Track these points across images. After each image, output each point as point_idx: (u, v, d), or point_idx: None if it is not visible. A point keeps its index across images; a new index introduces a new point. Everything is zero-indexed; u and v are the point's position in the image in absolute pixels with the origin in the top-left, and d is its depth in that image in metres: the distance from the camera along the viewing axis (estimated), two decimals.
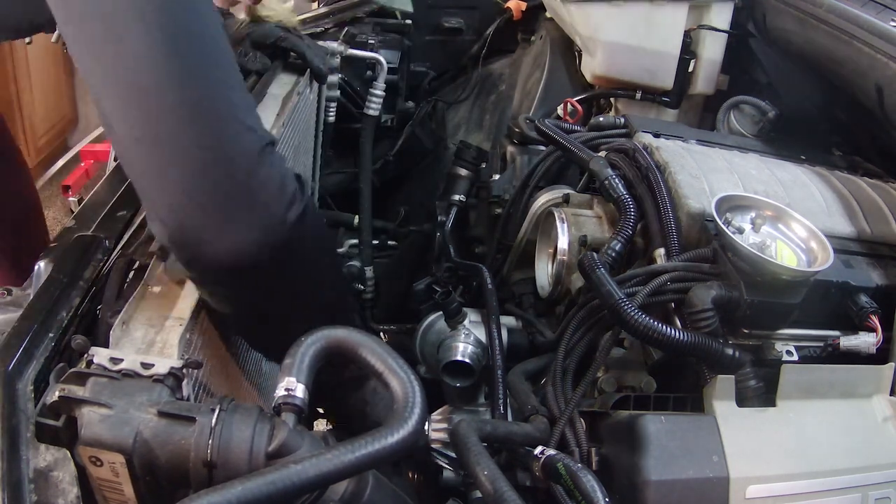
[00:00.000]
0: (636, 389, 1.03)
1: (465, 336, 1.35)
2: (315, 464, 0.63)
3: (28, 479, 0.65)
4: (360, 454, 0.65)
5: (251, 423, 0.69)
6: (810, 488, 0.86)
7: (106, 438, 0.66)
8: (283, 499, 0.62)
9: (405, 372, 0.73)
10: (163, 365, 0.71)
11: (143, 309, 0.82)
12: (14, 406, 0.69)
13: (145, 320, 0.81)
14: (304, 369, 0.71)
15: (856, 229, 1.16)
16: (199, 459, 0.67)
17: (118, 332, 0.78)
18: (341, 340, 0.75)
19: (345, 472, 0.65)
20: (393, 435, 0.67)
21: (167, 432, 0.67)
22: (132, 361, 0.70)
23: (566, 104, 1.75)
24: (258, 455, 0.68)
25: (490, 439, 0.96)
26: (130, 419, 0.67)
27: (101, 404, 0.67)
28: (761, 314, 0.96)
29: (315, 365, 0.72)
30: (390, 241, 2.09)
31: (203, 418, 0.68)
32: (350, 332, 0.76)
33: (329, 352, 0.74)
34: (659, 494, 0.82)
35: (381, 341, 0.76)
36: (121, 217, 0.97)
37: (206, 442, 0.67)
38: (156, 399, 0.69)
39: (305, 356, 0.72)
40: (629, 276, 1.03)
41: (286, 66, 1.46)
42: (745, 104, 1.65)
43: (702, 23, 1.75)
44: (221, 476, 0.67)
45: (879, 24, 1.34)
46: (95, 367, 0.70)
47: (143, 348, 0.78)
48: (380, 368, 0.73)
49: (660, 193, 1.10)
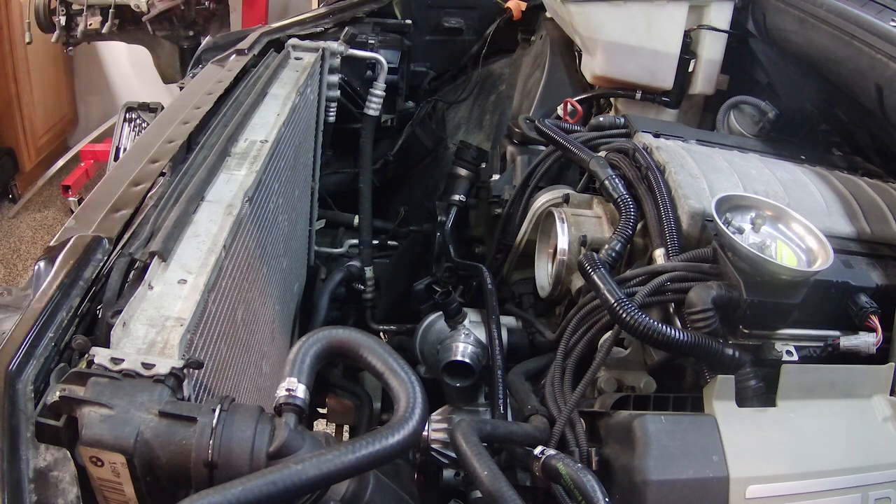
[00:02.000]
0: (636, 389, 1.03)
1: (465, 336, 1.35)
2: (316, 464, 0.63)
3: (28, 479, 0.65)
4: (361, 454, 0.65)
5: (252, 423, 0.69)
6: (810, 488, 0.86)
7: (107, 439, 0.66)
8: (284, 498, 0.62)
9: (406, 373, 0.73)
10: (164, 365, 0.71)
11: (144, 309, 0.82)
12: (14, 406, 0.69)
13: (146, 320, 0.81)
14: (304, 370, 0.71)
15: (856, 229, 1.16)
16: (201, 459, 0.67)
17: (119, 332, 0.78)
18: (343, 341, 0.75)
19: (346, 473, 0.65)
20: (394, 435, 0.67)
21: (168, 432, 0.67)
22: (133, 361, 0.70)
23: (566, 104, 1.75)
24: (259, 455, 0.68)
25: (490, 439, 0.96)
26: (131, 419, 0.67)
27: (102, 404, 0.67)
28: (761, 314, 0.96)
29: (316, 365, 0.72)
30: (390, 241, 2.09)
31: (204, 419, 0.68)
32: (351, 332, 0.76)
33: (330, 352, 0.74)
34: (659, 494, 0.82)
35: (382, 342, 0.76)
36: (121, 217, 0.96)
37: (207, 442, 0.67)
38: (157, 399, 0.68)
39: (306, 357, 0.72)
40: (629, 276, 1.03)
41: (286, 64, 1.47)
42: (745, 104, 1.65)
43: (702, 23, 1.75)
44: (222, 476, 0.67)
45: (879, 24, 1.34)
46: (96, 367, 0.70)
47: (144, 348, 0.77)
48: (381, 369, 0.73)
49: (660, 193, 1.10)
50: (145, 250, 0.87)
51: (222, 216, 0.96)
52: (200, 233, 0.93)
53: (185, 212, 0.94)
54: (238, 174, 1.06)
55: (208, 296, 0.87)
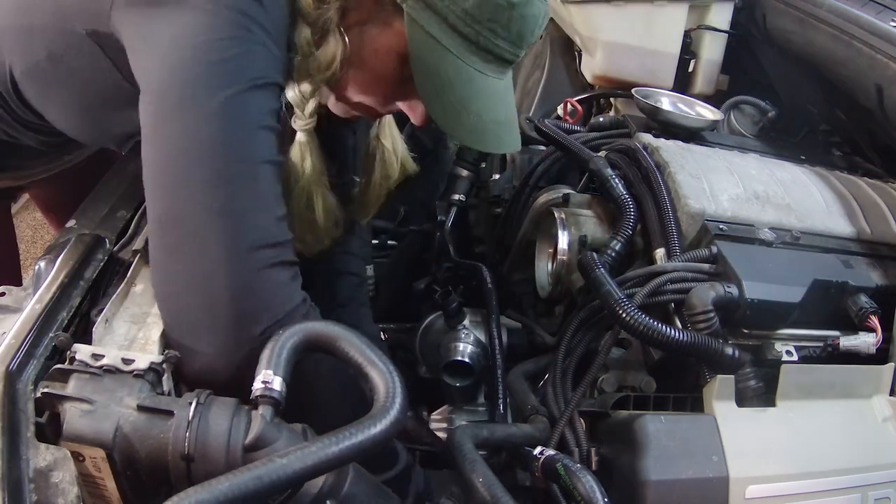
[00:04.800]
0: (636, 389, 1.03)
1: (465, 336, 1.35)
2: (300, 457, 0.63)
3: (28, 478, 0.65)
4: (344, 445, 0.65)
5: (228, 415, 0.69)
6: (810, 488, 0.86)
7: (87, 433, 0.66)
8: (270, 493, 0.62)
9: (384, 363, 0.73)
10: (143, 360, 0.71)
11: (127, 306, 0.83)
12: (14, 406, 0.69)
13: (128, 317, 0.81)
14: (281, 362, 0.71)
15: (856, 229, 1.16)
16: (178, 453, 0.67)
17: (101, 329, 0.79)
18: (320, 333, 0.75)
19: (330, 464, 0.65)
20: (376, 425, 0.67)
21: (146, 426, 0.68)
22: (113, 357, 0.71)
23: (566, 104, 1.74)
24: (235, 448, 0.68)
25: (487, 444, 0.95)
26: (111, 414, 0.67)
27: (83, 400, 0.67)
28: (761, 314, 0.97)
29: (293, 358, 0.72)
30: (390, 241, 2.09)
31: (181, 412, 0.68)
32: (328, 325, 0.76)
33: (307, 345, 0.74)
34: (658, 494, 0.82)
35: (358, 334, 0.75)
36: (121, 217, 0.97)
37: (183, 435, 0.67)
38: (136, 394, 0.69)
39: (283, 349, 0.72)
40: (629, 277, 1.03)
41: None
42: (745, 104, 1.65)
43: (702, 23, 1.75)
44: (199, 469, 0.67)
45: (879, 24, 1.34)
46: (77, 363, 0.70)
47: (126, 344, 0.78)
48: (359, 360, 0.73)
49: (660, 193, 1.10)
50: (129, 249, 0.88)
51: None
52: None
53: None
54: None
55: None
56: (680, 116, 1.36)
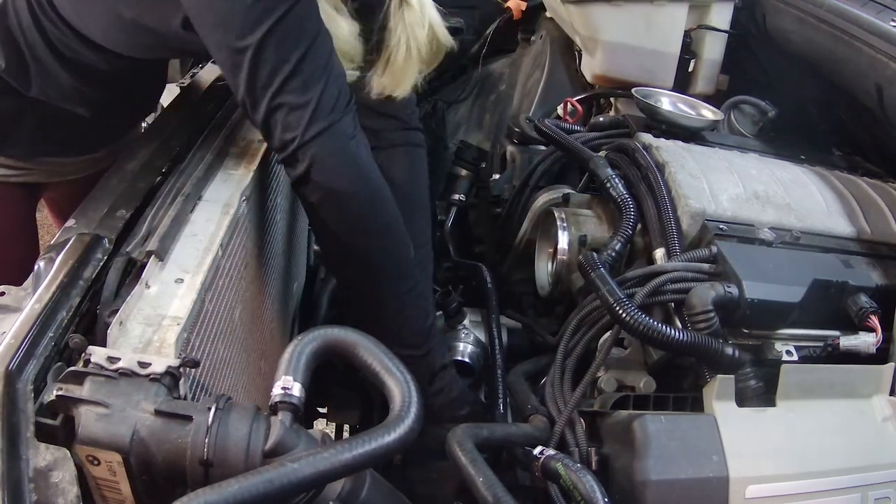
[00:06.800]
0: (636, 389, 1.02)
1: (465, 336, 1.35)
2: (312, 462, 0.63)
3: (28, 478, 0.65)
4: (357, 453, 0.65)
5: (248, 421, 0.69)
6: (810, 488, 0.86)
7: (103, 437, 0.66)
8: (281, 497, 0.62)
9: (401, 371, 0.73)
10: (160, 364, 0.71)
11: (141, 308, 0.82)
12: (14, 406, 0.69)
13: (143, 319, 0.81)
14: (300, 368, 0.71)
15: (856, 229, 1.16)
16: (196, 458, 0.67)
17: (115, 331, 0.78)
18: (338, 340, 0.75)
19: (342, 471, 0.65)
20: (390, 433, 0.67)
21: (164, 431, 0.67)
22: (129, 360, 0.70)
23: (566, 104, 1.74)
24: (255, 454, 0.68)
25: (487, 444, 0.95)
26: (127, 418, 0.67)
27: (99, 403, 0.67)
28: (761, 314, 0.97)
29: (312, 364, 0.72)
30: None
31: (200, 417, 0.68)
32: (347, 331, 0.76)
33: (326, 351, 0.74)
34: (658, 494, 0.82)
35: (377, 341, 0.76)
36: (120, 217, 0.96)
37: (202, 441, 0.67)
38: (153, 398, 0.68)
39: (302, 355, 0.72)
40: (629, 277, 1.03)
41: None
42: (745, 104, 1.65)
43: (702, 23, 1.75)
44: (218, 475, 0.67)
45: (879, 24, 1.34)
46: (93, 366, 0.70)
47: (141, 347, 0.77)
48: (376, 368, 0.73)
49: (660, 193, 1.10)
50: (142, 249, 0.87)
51: (219, 215, 0.97)
52: (198, 232, 0.93)
53: (183, 211, 0.95)
54: (235, 173, 1.06)
55: (205, 295, 0.87)
56: (680, 116, 1.36)
